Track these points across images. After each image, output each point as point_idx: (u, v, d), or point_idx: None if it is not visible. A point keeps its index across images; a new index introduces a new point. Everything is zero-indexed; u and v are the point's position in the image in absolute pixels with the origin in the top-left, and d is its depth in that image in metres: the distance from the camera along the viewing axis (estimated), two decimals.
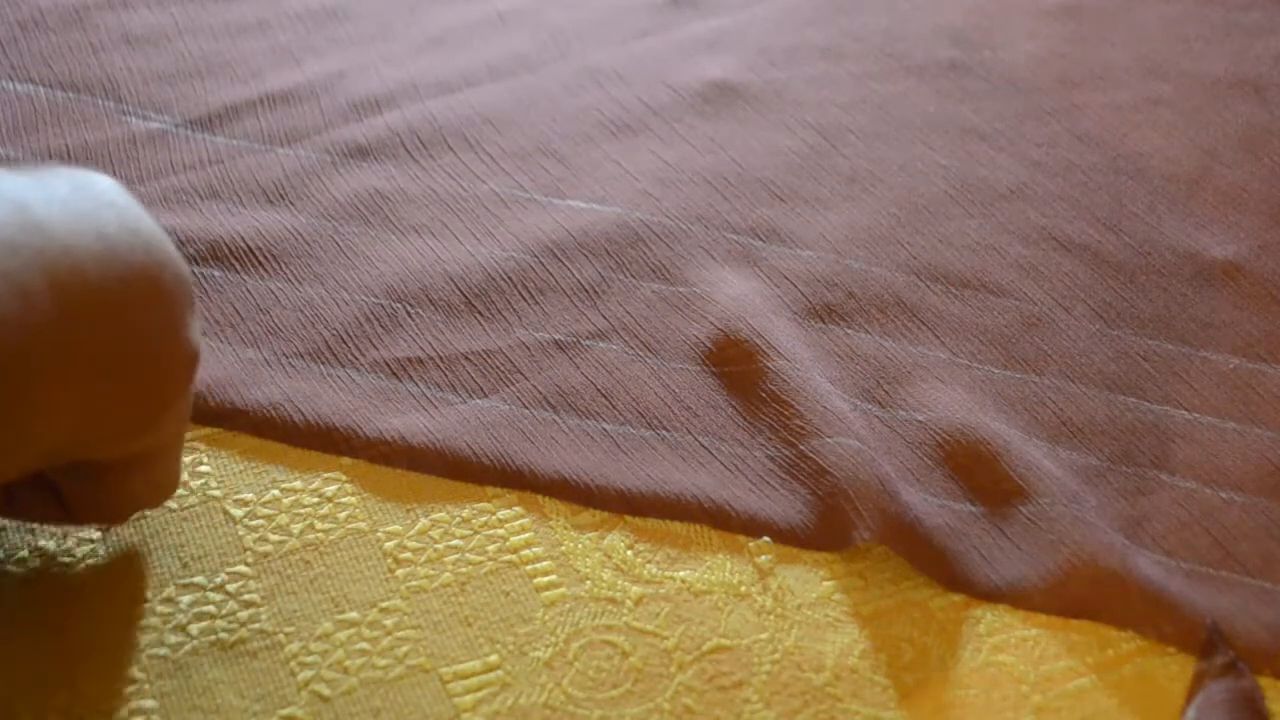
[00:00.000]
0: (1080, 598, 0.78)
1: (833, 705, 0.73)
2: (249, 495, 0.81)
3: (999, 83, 1.16)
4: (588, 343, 0.91)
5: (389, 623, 0.76)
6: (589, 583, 0.78)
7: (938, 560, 0.80)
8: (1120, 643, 0.77)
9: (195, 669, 0.73)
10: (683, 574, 0.79)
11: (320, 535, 0.80)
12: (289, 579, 0.77)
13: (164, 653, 0.74)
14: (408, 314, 0.92)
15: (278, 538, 0.79)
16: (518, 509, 0.82)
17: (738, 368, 0.89)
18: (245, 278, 0.94)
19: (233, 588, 0.77)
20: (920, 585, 0.79)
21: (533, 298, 0.94)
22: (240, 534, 0.79)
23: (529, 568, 0.79)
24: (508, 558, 0.79)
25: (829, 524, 0.81)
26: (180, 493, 0.81)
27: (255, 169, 1.03)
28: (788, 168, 1.06)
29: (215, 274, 0.94)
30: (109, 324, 0.67)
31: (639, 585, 0.78)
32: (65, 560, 0.77)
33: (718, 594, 0.78)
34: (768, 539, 0.81)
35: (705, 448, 0.85)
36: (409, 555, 0.79)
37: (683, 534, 0.81)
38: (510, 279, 0.95)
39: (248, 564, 0.78)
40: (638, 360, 0.90)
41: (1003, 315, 0.95)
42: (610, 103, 1.11)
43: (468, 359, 0.90)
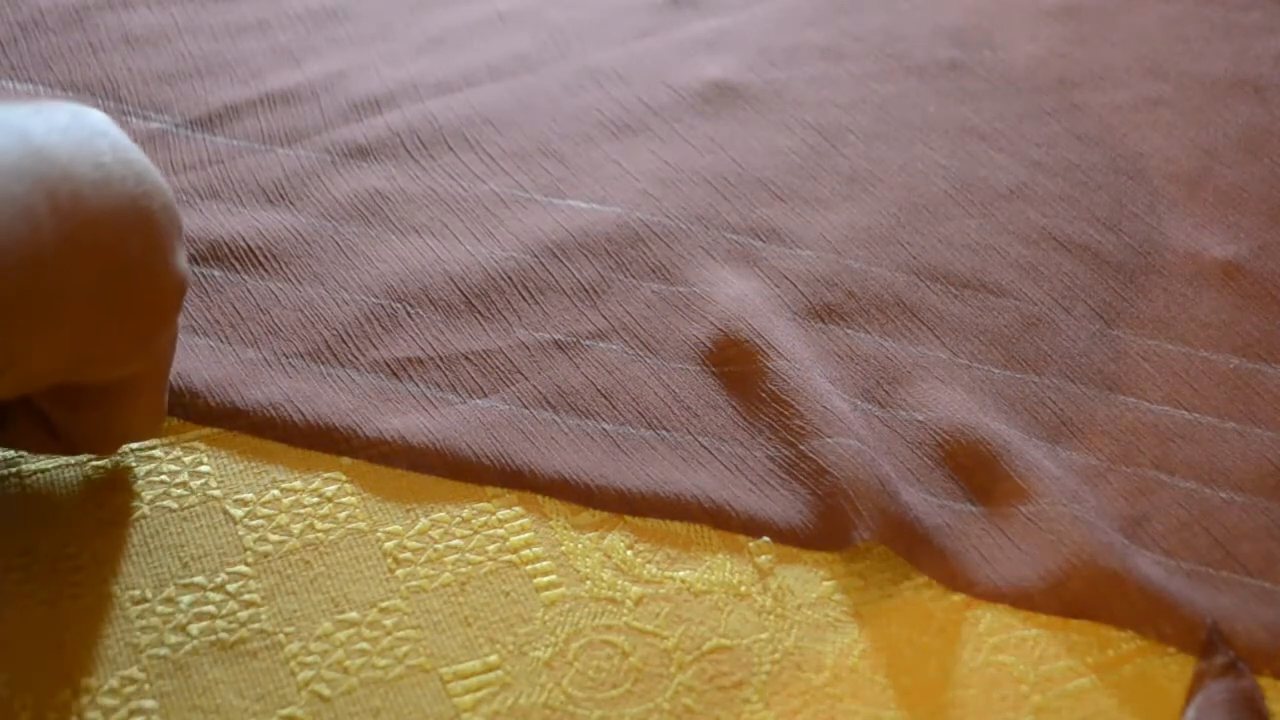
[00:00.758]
0: (1080, 598, 0.78)
1: (832, 705, 0.73)
2: (249, 495, 0.81)
3: (999, 83, 1.16)
4: (588, 343, 0.91)
5: (389, 623, 0.76)
6: (589, 583, 0.78)
7: (938, 560, 0.80)
8: (1120, 643, 0.77)
9: (195, 669, 0.73)
10: (683, 574, 0.79)
11: (320, 535, 0.80)
12: (289, 579, 0.77)
13: (164, 653, 0.74)
14: (408, 314, 0.92)
15: (278, 538, 0.79)
16: (518, 509, 0.82)
17: (738, 368, 0.89)
18: (245, 278, 0.94)
19: (233, 588, 0.77)
20: (920, 585, 0.79)
21: (533, 298, 0.94)
22: (240, 534, 0.79)
23: (529, 568, 0.79)
24: (508, 558, 0.79)
25: (829, 524, 0.81)
26: (180, 493, 0.81)
27: (255, 169, 1.03)
28: (788, 168, 1.06)
29: (215, 274, 0.94)
30: (105, 247, 0.70)
31: (639, 585, 0.78)
32: (65, 562, 0.77)
33: (718, 594, 0.78)
34: (768, 539, 0.81)
35: (705, 448, 0.85)
36: (409, 555, 0.79)
37: (683, 534, 0.81)
38: (510, 279, 0.95)
39: (248, 564, 0.78)
40: (638, 360, 0.90)
41: (1003, 315, 0.95)
42: (610, 103, 1.11)
43: (468, 359, 0.90)
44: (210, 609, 0.76)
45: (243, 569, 0.78)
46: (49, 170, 0.68)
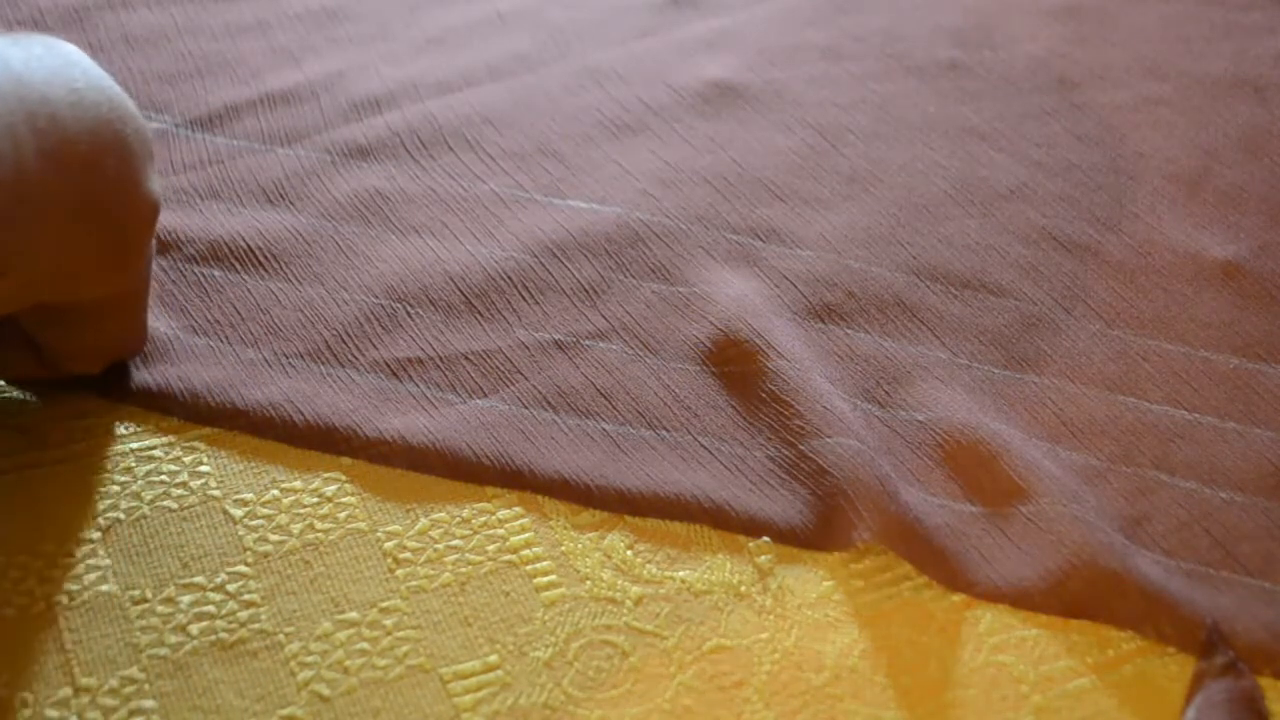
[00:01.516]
0: (1080, 598, 0.78)
1: (833, 705, 0.73)
2: (249, 495, 0.81)
3: (999, 83, 1.16)
4: (588, 343, 0.91)
5: (389, 623, 0.76)
6: (589, 583, 0.78)
7: (938, 560, 0.80)
8: (1120, 643, 0.77)
9: (195, 669, 0.73)
10: (683, 574, 0.79)
11: (320, 535, 0.80)
12: (289, 579, 0.77)
13: (164, 653, 0.74)
14: (408, 314, 0.92)
15: (278, 538, 0.79)
16: (518, 509, 0.82)
17: (738, 368, 0.89)
18: (245, 278, 0.94)
19: (233, 588, 0.77)
20: (920, 585, 0.79)
21: (533, 298, 0.94)
22: (240, 534, 0.79)
23: (529, 568, 0.79)
24: (508, 558, 0.79)
25: (829, 524, 0.81)
26: (180, 493, 0.81)
27: (255, 169, 1.03)
28: (788, 168, 1.06)
29: (215, 274, 0.94)
30: (82, 163, 0.75)
31: (639, 585, 0.78)
32: (64, 561, 0.77)
33: (718, 594, 0.78)
34: (768, 539, 0.81)
35: (705, 448, 0.85)
36: (409, 555, 0.79)
37: (683, 534, 0.81)
38: (510, 279, 0.95)
39: (248, 564, 0.78)
40: (638, 360, 0.90)
41: (1003, 315, 0.95)
42: (610, 103, 1.11)
43: (468, 359, 0.90)
44: (210, 609, 0.76)
45: (243, 569, 0.78)
46: (28, 93, 0.73)
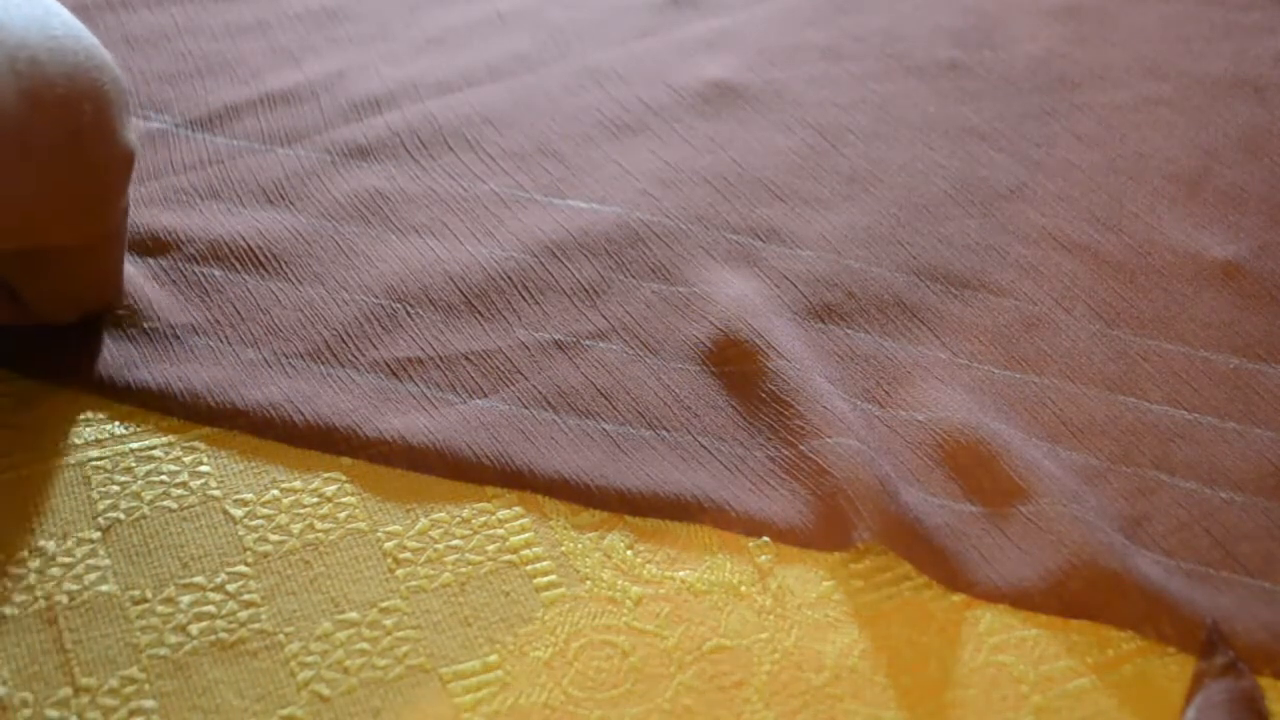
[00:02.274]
0: (1080, 598, 0.78)
1: (833, 705, 0.73)
2: (249, 495, 0.81)
3: (999, 83, 1.16)
4: (588, 343, 0.91)
5: (389, 623, 0.76)
6: (589, 583, 0.78)
7: (938, 560, 0.80)
8: (1120, 643, 0.77)
9: (195, 669, 0.73)
10: (683, 574, 0.79)
11: (320, 535, 0.80)
12: (289, 579, 0.77)
13: (164, 653, 0.74)
14: (408, 314, 0.92)
15: (278, 538, 0.79)
16: (518, 509, 0.82)
17: (738, 368, 0.89)
18: (245, 278, 0.94)
19: (233, 588, 0.77)
20: (920, 585, 0.79)
21: (533, 298, 0.94)
22: (240, 534, 0.79)
23: (529, 568, 0.79)
24: (508, 558, 0.79)
25: (829, 524, 0.81)
26: (180, 493, 0.81)
27: (255, 169, 1.03)
28: (788, 168, 1.06)
29: (215, 274, 0.94)
30: (61, 105, 0.78)
31: (639, 585, 0.78)
32: (65, 560, 0.77)
33: (718, 594, 0.78)
34: (768, 539, 0.81)
35: (705, 448, 0.85)
36: (409, 555, 0.79)
37: (683, 534, 0.81)
38: (510, 279, 0.95)
39: (248, 564, 0.78)
40: (638, 360, 0.90)
41: (1003, 315, 0.95)
42: (610, 103, 1.11)
43: (468, 359, 0.90)
44: (210, 609, 0.76)
45: (243, 569, 0.78)
46: (6, 36, 0.76)
